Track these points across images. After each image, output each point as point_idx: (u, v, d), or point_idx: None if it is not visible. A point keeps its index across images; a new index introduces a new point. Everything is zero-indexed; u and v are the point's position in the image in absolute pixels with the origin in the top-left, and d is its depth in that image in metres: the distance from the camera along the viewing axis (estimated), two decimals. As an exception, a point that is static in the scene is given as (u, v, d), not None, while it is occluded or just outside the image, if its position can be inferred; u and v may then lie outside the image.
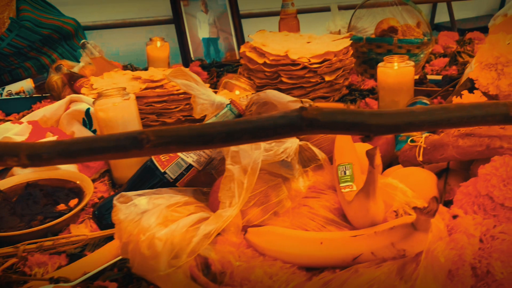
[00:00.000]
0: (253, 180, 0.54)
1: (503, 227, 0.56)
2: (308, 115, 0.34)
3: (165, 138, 0.33)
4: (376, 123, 0.36)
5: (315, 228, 0.62)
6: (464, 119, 0.37)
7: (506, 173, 0.58)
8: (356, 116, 0.35)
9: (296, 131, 0.35)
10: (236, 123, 0.34)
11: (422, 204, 0.57)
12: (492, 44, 0.65)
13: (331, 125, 0.35)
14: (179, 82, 0.78)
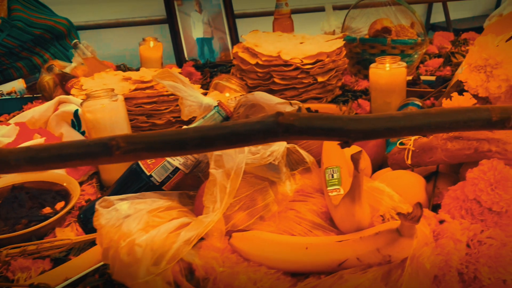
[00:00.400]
0: (236, 184, 0.54)
1: (490, 232, 0.55)
2: (285, 121, 0.34)
3: (136, 145, 0.32)
4: (355, 129, 0.35)
5: (302, 232, 0.61)
6: (445, 124, 0.36)
7: (494, 177, 0.57)
8: (333, 121, 0.34)
9: (272, 137, 0.34)
10: (210, 129, 0.33)
11: (408, 208, 0.56)
12: (481, 46, 0.64)
13: (308, 131, 0.34)
14: (166, 84, 0.77)
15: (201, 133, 0.33)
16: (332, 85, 1.35)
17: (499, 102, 0.72)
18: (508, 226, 0.56)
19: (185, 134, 0.33)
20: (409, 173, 0.68)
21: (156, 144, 0.32)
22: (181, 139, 0.33)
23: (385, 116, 0.35)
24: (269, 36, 1.48)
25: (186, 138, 0.33)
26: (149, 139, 0.32)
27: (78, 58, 1.61)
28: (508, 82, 0.65)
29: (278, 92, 1.31)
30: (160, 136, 0.32)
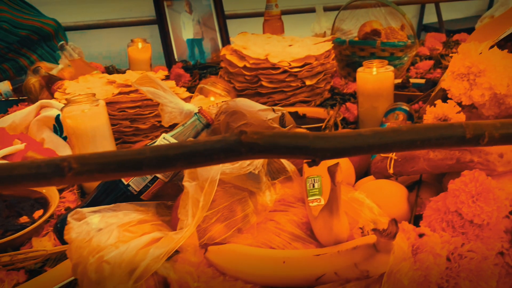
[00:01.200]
0: (210, 198, 0.52)
1: (471, 245, 0.54)
2: (248, 140, 0.32)
3: (89, 166, 0.30)
4: (322, 147, 0.33)
5: (280, 245, 0.60)
6: (416, 142, 0.35)
7: (475, 189, 0.55)
8: (299, 139, 0.33)
9: (234, 156, 0.32)
10: (168, 149, 0.32)
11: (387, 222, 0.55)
12: (463, 53, 0.63)
13: (273, 150, 0.33)
14: (145, 90, 0.76)
15: (159, 153, 0.31)
16: (320, 88, 1.34)
17: (484, 109, 0.71)
18: (489, 239, 0.55)
19: (142, 155, 0.31)
20: (391, 183, 0.66)
21: (111, 165, 0.31)
22: (137, 159, 0.31)
23: (353, 134, 0.34)
24: (257, 38, 1.46)
25: (142, 158, 0.31)
26: (103, 160, 0.31)
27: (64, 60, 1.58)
28: (491, 91, 0.64)
29: (266, 96, 1.30)
30: (115, 156, 0.31)
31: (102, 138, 0.92)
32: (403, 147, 0.35)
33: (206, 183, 0.52)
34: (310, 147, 0.33)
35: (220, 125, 0.73)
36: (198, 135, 0.75)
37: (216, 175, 0.53)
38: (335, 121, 1.07)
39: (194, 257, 0.53)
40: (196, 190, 0.52)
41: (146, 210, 0.64)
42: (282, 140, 0.33)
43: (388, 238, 0.45)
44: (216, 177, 0.53)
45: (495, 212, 0.55)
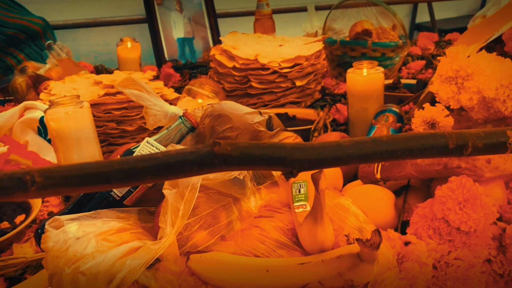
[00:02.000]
0: (190, 206, 0.51)
1: (458, 253, 0.53)
2: (222, 151, 0.31)
3: (54, 179, 0.29)
4: (299, 158, 0.32)
5: (265, 252, 0.59)
6: (397, 152, 0.33)
7: (463, 196, 0.54)
8: (276, 150, 0.32)
9: (208, 168, 0.31)
10: (137, 161, 0.30)
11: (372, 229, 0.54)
12: (451, 57, 0.62)
13: (248, 161, 0.31)
14: (129, 93, 0.74)
15: (128, 166, 0.30)
16: (311, 89, 1.32)
17: (473, 113, 0.70)
18: (476, 246, 0.54)
19: (110, 167, 0.30)
20: (378, 189, 0.65)
21: (77, 179, 0.29)
22: (105, 172, 0.29)
23: (332, 145, 0.33)
24: (248, 38, 1.44)
25: (110, 171, 0.30)
26: (68, 173, 0.29)
27: (52, 59, 1.56)
28: (479, 94, 0.63)
29: (255, 96, 1.28)
30: (82, 169, 0.29)
31: (86, 141, 0.91)
32: (384, 158, 0.33)
33: (187, 191, 0.51)
34: (287, 158, 0.32)
35: (205, 129, 0.71)
36: (183, 139, 0.74)
37: (197, 182, 0.51)
38: (325, 123, 1.06)
39: (175, 266, 0.52)
40: (176, 198, 0.51)
41: (127, 217, 0.62)
42: (258, 152, 0.31)
43: (371, 248, 0.44)
44: (197, 185, 0.52)
45: (482, 219, 0.54)
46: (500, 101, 0.64)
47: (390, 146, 0.33)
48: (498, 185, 0.61)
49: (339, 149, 0.33)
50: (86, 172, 0.29)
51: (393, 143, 0.33)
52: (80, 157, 0.91)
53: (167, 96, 1.12)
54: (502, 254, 0.55)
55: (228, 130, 0.71)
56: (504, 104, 0.64)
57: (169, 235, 0.47)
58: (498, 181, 0.61)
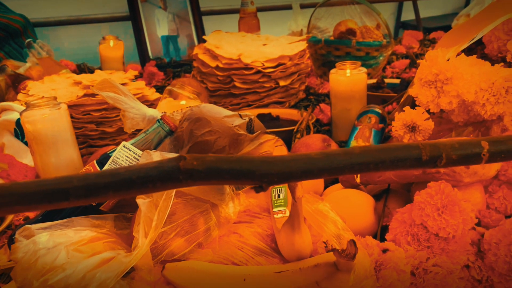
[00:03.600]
0: (164, 215, 0.49)
1: (436, 259, 0.53)
2: (187, 166, 0.29)
3: (8, 197, 0.27)
4: (268, 172, 0.31)
5: (243, 259, 0.58)
6: (369, 165, 0.32)
7: (441, 201, 0.54)
8: (244, 164, 0.31)
9: (172, 184, 0.30)
10: (98, 177, 0.29)
11: (350, 236, 0.53)
12: (431, 60, 0.61)
13: (216, 175, 0.30)
14: (105, 95, 0.72)
15: (88, 182, 0.29)
16: (295, 89, 1.31)
17: (453, 116, 0.69)
18: (455, 252, 0.54)
19: (69, 183, 0.28)
20: (358, 193, 0.65)
21: (34, 196, 0.28)
22: (63, 189, 0.28)
23: (302, 157, 0.32)
24: (231, 37, 1.43)
25: (69, 188, 0.28)
26: (24, 190, 0.28)
27: (32, 58, 1.53)
28: (459, 98, 0.62)
29: (239, 96, 1.27)
30: (38, 186, 0.28)
31: (64, 143, 0.89)
32: (356, 170, 0.33)
33: (161, 200, 0.49)
34: (256, 172, 0.31)
35: (183, 132, 0.70)
36: (161, 143, 0.72)
37: (172, 191, 0.50)
38: (307, 124, 1.05)
39: (149, 276, 0.51)
40: (150, 207, 0.49)
41: (103, 224, 0.61)
42: (225, 166, 0.30)
43: (347, 259, 0.43)
44: (171, 193, 0.50)
45: (461, 225, 0.54)
46: (480, 104, 0.63)
47: (362, 159, 0.32)
48: (477, 190, 0.61)
49: (309, 162, 0.32)
50: (44, 189, 0.28)
51: (365, 155, 0.32)
52: (58, 160, 0.89)
53: (148, 96, 1.10)
54: (481, 260, 0.55)
55: (207, 134, 0.70)
56: (483, 108, 0.63)
57: (141, 247, 0.46)
58: (477, 186, 0.61)
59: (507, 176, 0.62)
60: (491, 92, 0.62)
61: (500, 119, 0.65)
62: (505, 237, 0.52)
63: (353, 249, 0.43)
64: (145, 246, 0.46)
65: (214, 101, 1.29)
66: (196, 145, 0.70)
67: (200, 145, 0.70)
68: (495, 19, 0.69)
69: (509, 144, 0.35)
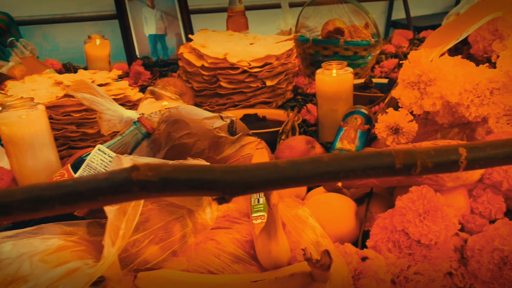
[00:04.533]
0: (132, 224, 0.47)
1: (418, 267, 0.51)
2: (140, 177, 0.27)
3: None
4: (231, 182, 0.29)
5: (219, 267, 0.56)
6: (339, 174, 0.31)
7: (423, 207, 0.52)
8: (205, 174, 0.29)
9: (125, 196, 0.28)
10: (43, 189, 0.27)
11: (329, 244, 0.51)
12: (413, 61, 0.59)
13: (173, 187, 0.28)
14: (81, 97, 0.70)
15: (32, 195, 0.26)
16: (282, 89, 1.29)
17: (438, 117, 0.68)
18: (437, 259, 0.52)
19: (11, 197, 0.26)
20: (339, 197, 0.63)
21: (-28, 211, 0.26)
22: (4, 203, 0.26)
23: (268, 166, 0.30)
24: (218, 36, 1.41)
25: (11, 201, 0.26)
26: (-38, 204, 0.26)
27: (15, 57, 1.50)
28: (442, 100, 0.61)
29: (225, 96, 1.25)
30: (-23, 200, 0.26)
31: (41, 146, 0.86)
32: (325, 179, 0.31)
33: (129, 207, 0.47)
34: (218, 182, 0.29)
35: (160, 135, 0.68)
36: (138, 145, 0.70)
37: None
38: (293, 125, 1.03)
39: (120, 286, 0.49)
40: (118, 215, 0.47)
41: (74, 231, 0.58)
42: (184, 176, 0.28)
43: (321, 269, 0.42)
44: (140, 200, 0.48)
45: (443, 231, 0.52)
46: (464, 106, 0.62)
47: (331, 167, 0.30)
48: (460, 194, 0.59)
49: (275, 171, 0.30)
50: (-18, 203, 0.26)
51: (334, 164, 0.30)
52: (35, 163, 0.86)
53: (130, 97, 1.08)
54: (464, 267, 0.53)
55: (185, 137, 0.68)
56: (468, 110, 0.62)
57: (107, 257, 0.44)
58: (460, 190, 0.59)
59: (492, 180, 0.60)
60: (475, 94, 0.60)
61: (485, 121, 0.63)
62: (488, 243, 0.51)
63: (327, 260, 0.41)
64: (111, 256, 0.44)
65: (199, 101, 1.27)
66: (174, 148, 0.68)
67: (178, 148, 0.68)
68: (480, 18, 0.68)
69: (488, 151, 0.33)
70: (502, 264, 0.50)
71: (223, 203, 0.30)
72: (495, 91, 0.60)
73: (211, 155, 0.70)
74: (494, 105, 0.61)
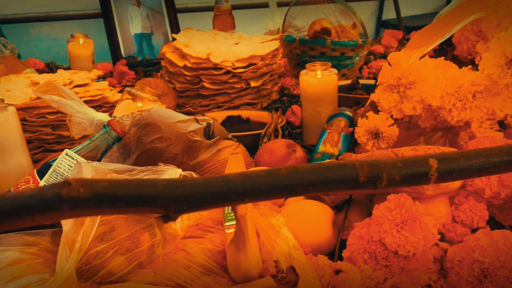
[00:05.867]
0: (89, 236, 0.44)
1: (394, 279, 0.49)
2: (71, 193, 0.25)
3: None
4: (176, 198, 0.26)
5: (188, 280, 0.53)
6: (298, 188, 0.28)
7: (401, 216, 0.50)
8: (145, 189, 0.26)
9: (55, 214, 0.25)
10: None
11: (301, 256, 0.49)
12: (393, 63, 0.57)
13: (109, 204, 0.25)
14: (48, 99, 0.67)
15: None
16: (267, 90, 1.27)
17: (420, 121, 0.65)
18: (415, 271, 0.50)
19: None
20: (316, 205, 0.60)
21: None
22: None
23: (218, 180, 0.27)
24: (203, 35, 1.38)
25: None
26: None
27: (-6, 56, 1.46)
28: (423, 103, 0.58)
29: (208, 97, 1.22)
30: None
31: (12, 149, 0.83)
32: (283, 194, 0.28)
33: (87, 219, 0.44)
34: (160, 199, 0.26)
35: (130, 139, 0.65)
36: (108, 150, 0.67)
37: (100, 208, 0.45)
38: (276, 127, 1.01)
39: (79, 301, 0.46)
40: (74, 227, 0.44)
41: (37, 241, 0.55)
42: (122, 191, 0.25)
43: (287, 286, 0.39)
44: (99, 211, 0.45)
45: (422, 242, 0.49)
46: (446, 110, 0.60)
47: (289, 181, 0.28)
48: (441, 202, 0.57)
49: (226, 186, 0.27)
50: None
51: (293, 177, 0.28)
52: (6, 167, 0.83)
53: (109, 98, 1.05)
54: (443, 279, 0.51)
55: (157, 141, 0.65)
56: (450, 114, 0.59)
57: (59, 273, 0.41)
58: (441, 198, 0.57)
59: (474, 187, 0.58)
60: (457, 97, 0.58)
61: (467, 126, 0.61)
62: (468, 254, 0.48)
63: (293, 277, 0.39)
64: (64, 271, 0.41)
65: (182, 102, 1.24)
66: (145, 153, 0.65)
67: (149, 153, 0.65)
68: (464, 18, 0.66)
69: (460, 162, 0.31)
70: (483, 277, 0.47)
71: (168, 222, 0.27)
72: (477, 95, 0.58)
73: (185, 160, 0.67)
74: (477, 109, 0.58)
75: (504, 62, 0.53)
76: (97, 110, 1.01)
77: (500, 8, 0.63)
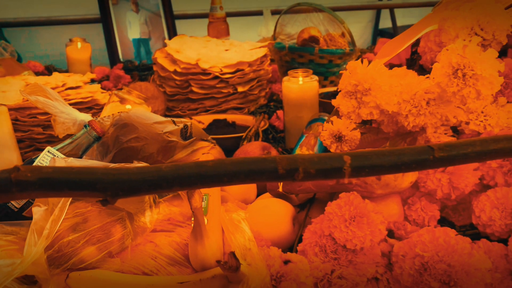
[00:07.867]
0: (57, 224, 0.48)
1: (341, 271, 0.52)
2: (19, 177, 0.29)
3: None
4: (111, 184, 0.30)
5: (154, 269, 0.57)
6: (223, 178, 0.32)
7: (349, 213, 0.54)
8: (84, 175, 0.30)
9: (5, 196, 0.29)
10: None
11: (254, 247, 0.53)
12: (351, 71, 0.61)
13: (52, 187, 0.30)
14: (34, 100, 0.71)
15: None
16: (254, 95, 1.31)
17: (383, 126, 0.69)
18: (362, 264, 0.54)
19: None
20: (278, 202, 0.64)
21: None
22: None
23: (150, 170, 0.31)
24: (194, 42, 1.42)
25: None
26: None
27: (-6, 58, 1.52)
28: (378, 109, 0.62)
29: (196, 101, 1.26)
30: None
31: (3, 148, 0.87)
32: (208, 184, 0.32)
33: (57, 208, 0.48)
34: (97, 184, 0.30)
35: (108, 139, 0.69)
36: (89, 148, 0.71)
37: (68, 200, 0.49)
38: (257, 131, 1.05)
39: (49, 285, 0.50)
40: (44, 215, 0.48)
41: (16, 230, 0.60)
42: (63, 176, 0.30)
43: (230, 271, 0.43)
44: (67, 202, 0.49)
45: (369, 237, 0.53)
46: (403, 116, 0.63)
47: (214, 171, 0.32)
48: (393, 201, 0.60)
49: (157, 175, 0.31)
50: None
51: (218, 168, 0.32)
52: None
53: (99, 100, 1.09)
54: (390, 272, 0.55)
55: (133, 140, 0.69)
56: (406, 119, 0.63)
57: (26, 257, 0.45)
58: (394, 197, 0.61)
59: (427, 188, 0.62)
60: (412, 104, 0.62)
61: (423, 131, 0.65)
62: (411, 249, 0.52)
63: (234, 262, 0.43)
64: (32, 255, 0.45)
65: (172, 105, 1.28)
66: (122, 151, 0.69)
67: (126, 151, 0.69)
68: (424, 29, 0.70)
69: (373, 159, 0.35)
70: (423, 270, 0.51)
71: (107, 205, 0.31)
72: (431, 102, 0.62)
73: (160, 159, 0.71)
74: (431, 115, 0.62)
75: (451, 72, 0.57)
76: (87, 112, 1.06)
77: (458, 20, 0.67)
